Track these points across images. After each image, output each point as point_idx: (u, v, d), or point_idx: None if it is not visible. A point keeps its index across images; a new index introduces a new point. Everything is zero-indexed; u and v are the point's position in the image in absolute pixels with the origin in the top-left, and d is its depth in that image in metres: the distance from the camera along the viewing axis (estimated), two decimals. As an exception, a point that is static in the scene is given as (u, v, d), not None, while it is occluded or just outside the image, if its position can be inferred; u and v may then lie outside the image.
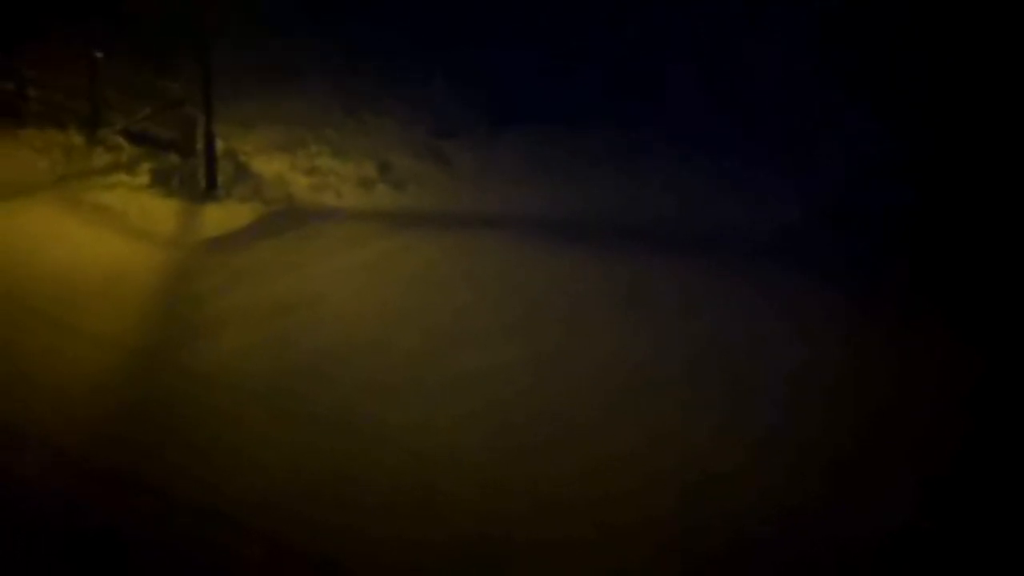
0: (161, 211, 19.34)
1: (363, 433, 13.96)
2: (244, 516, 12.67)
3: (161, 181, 20.12)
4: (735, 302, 16.83)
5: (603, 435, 13.98)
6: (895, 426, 14.22)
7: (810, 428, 14.11)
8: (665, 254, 18.20)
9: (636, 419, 14.28)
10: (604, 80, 23.29)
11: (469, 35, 24.77)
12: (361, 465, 13.46)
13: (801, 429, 14.09)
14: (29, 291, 16.70)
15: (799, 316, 16.42)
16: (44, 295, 16.62)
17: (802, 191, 19.82)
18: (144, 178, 20.26)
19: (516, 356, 15.49)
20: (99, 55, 21.39)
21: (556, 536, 12.46)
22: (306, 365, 15.27)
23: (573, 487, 13.12)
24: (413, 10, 25.61)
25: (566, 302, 16.84)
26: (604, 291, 17.10)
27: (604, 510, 12.78)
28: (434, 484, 13.16)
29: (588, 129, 21.89)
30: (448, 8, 25.54)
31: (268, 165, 20.76)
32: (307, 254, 18.17)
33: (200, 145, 20.08)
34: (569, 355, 15.54)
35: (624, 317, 16.48)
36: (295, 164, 20.93)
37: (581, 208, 19.76)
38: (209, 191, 19.83)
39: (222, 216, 19.27)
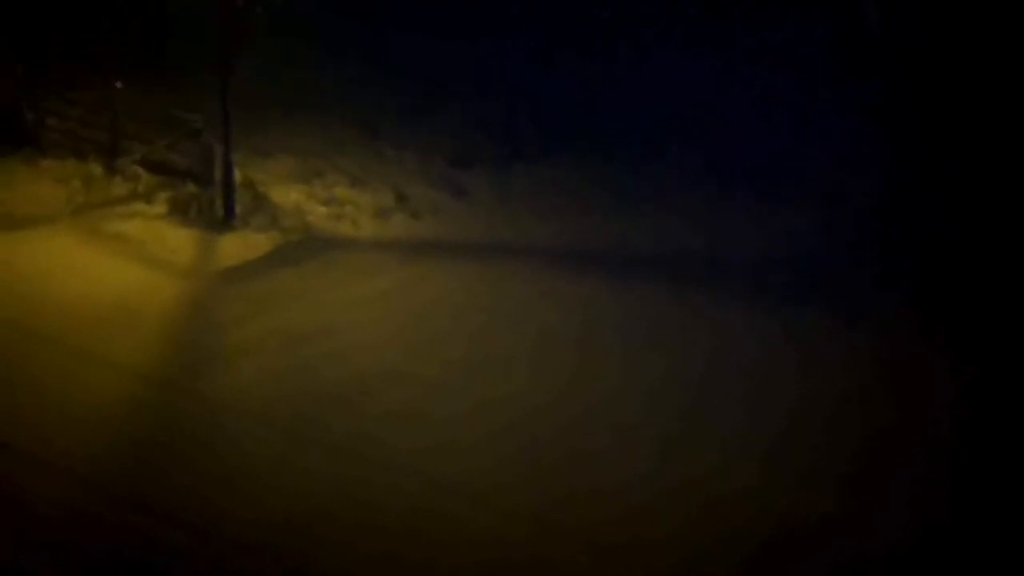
0: (179, 240, 19.39)
1: (378, 459, 14.09)
2: (264, 539, 12.86)
3: (179, 210, 20.17)
4: (748, 333, 16.95)
5: (614, 458, 14.17)
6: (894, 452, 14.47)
7: (815, 450, 14.42)
8: (680, 284, 18.25)
9: (647, 443, 14.44)
10: (625, 111, 23.43)
11: (489, 66, 24.90)
12: (377, 490, 13.63)
13: (806, 452, 14.37)
14: (49, 320, 16.76)
15: (810, 348, 16.57)
16: (63, 324, 16.67)
17: (824, 223, 19.98)
18: (162, 207, 20.31)
19: (527, 384, 15.64)
20: (118, 85, 21.49)
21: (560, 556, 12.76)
22: (323, 393, 15.38)
23: (583, 509, 13.35)
24: (432, 40, 25.76)
25: (578, 331, 16.95)
26: (616, 321, 17.22)
27: (607, 532, 13.10)
28: (450, 510, 13.33)
29: (608, 160, 22.02)
30: (469, 38, 25.70)
31: (286, 194, 20.82)
32: (324, 283, 18.22)
33: (218, 175, 20.14)
34: (579, 383, 15.66)
35: (635, 346, 16.59)
36: (313, 194, 20.99)
37: (597, 239, 19.83)
38: (227, 220, 19.88)
39: (240, 245, 19.33)
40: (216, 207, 20.05)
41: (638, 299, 17.80)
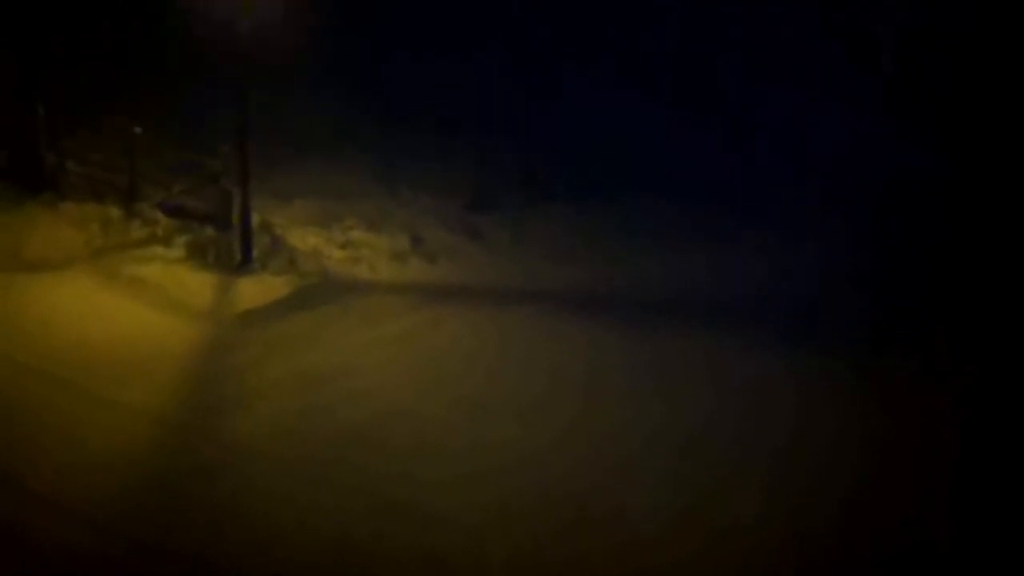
0: (197, 284, 19.51)
1: (395, 498, 14.21)
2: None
3: (197, 254, 20.31)
4: (747, 371, 17.14)
5: (615, 496, 14.35)
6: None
7: (813, 482, 14.64)
8: (684, 325, 18.46)
9: (649, 482, 14.60)
10: (640, 155, 23.63)
11: (505, 110, 25.11)
12: (391, 524, 13.79)
13: (804, 484, 14.60)
14: (65, 363, 16.82)
15: (808, 385, 16.74)
16: (80, 367, 16.74)
17: (831, 262, 20.33)
18: (180, 251, 20.45)
19: (532, 422, 15.78)
20: (137, 130, 21.67)
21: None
22: (339, 433, 15.47)
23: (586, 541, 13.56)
24: (449, 83, 25.99)
25: (584, 372, 17.11)
26: (621, 362, 17.37)
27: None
28: (453, 543, 13.54)
29: (623, 204, 22.20)
30: (485, 81, 25.92)
31: (303, 238, 20.97)
32: (340, 327, 18.32)
33: (236, 218, 20.29)
34: (586, 426, 15.78)
35: (643, 390, 16.70)
36: (330, 237, 21.15)
37: (606, 280, 20.04)
38: (245, 264, 20.02)
39: (257, 289, 19.45)
40: (234, 251, 20.19)
41: (643, 340, 17.94)
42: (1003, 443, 15.68)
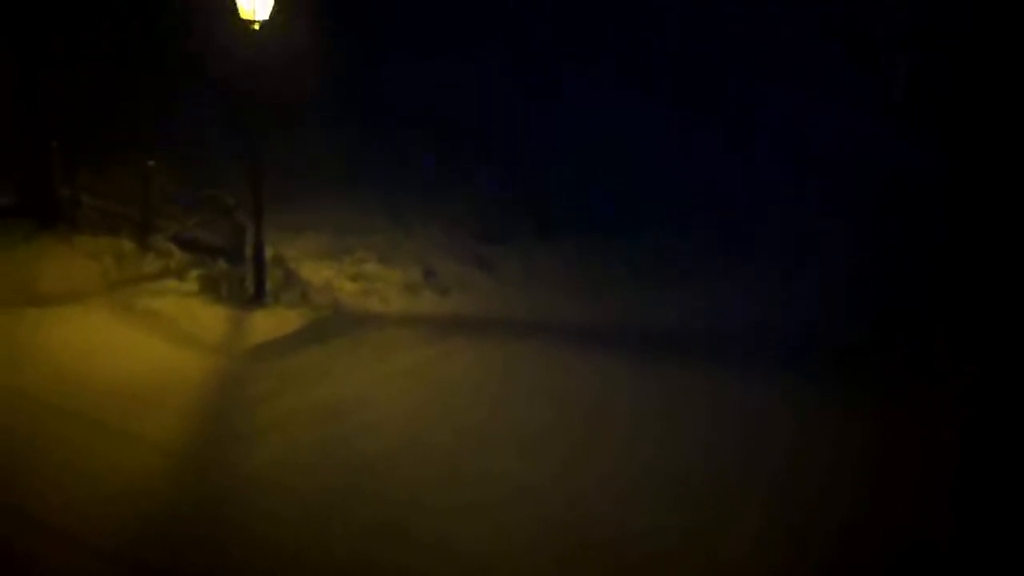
0: (210, 317, 19.61)
1: (405, 525, 14.45)
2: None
3: (210, 287, 20.40)
4: (746, 400, 17.43)
5: (617, 522, 14.62)
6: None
7: (809, 509, 14.94)
8: (686, 356, 18.73)
9: (649, 508, 14.91)
10: (652, 189, 23.79)
11: (516, 143, 25.28)
12: (400, 550, 14.06)
13: (800, 510, 14.88)
14: (78, 396, 16.92)
15: (806, 414, 17.05)
16: (93, 400, 16.84)
17: (830, 281, 20.83)
18: (193, 284, 20.54)
19: (536, 452, 16.02)
20: (151, 163, 21.80)
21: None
22: (350, 466, 15.64)
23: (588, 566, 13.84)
24: (461, 116, 26.17)
25: (589, 403, 17.36)
26: (629, 395, 17.60)
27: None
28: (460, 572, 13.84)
29: (634, 238, 22.35)
30: (494, 113, 26.11)
31: (316, 271, 21.09)
32: (352, 360, 18.45)
33: (249, 252, 20.39)
34: (589, 455, 16.03)
35: (645, 419, 16.96)
36: (342, 270, 21.26)
37: (612, 312, 20.22)
38: (257, 297, 20.11)
39: (270, 322, 19.55)
40: (247, 284, 20.30)
41: (645, 370, 18.23)
42: (1003, 444, 15.98)
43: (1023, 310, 19.69)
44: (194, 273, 20.84)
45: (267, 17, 18.61)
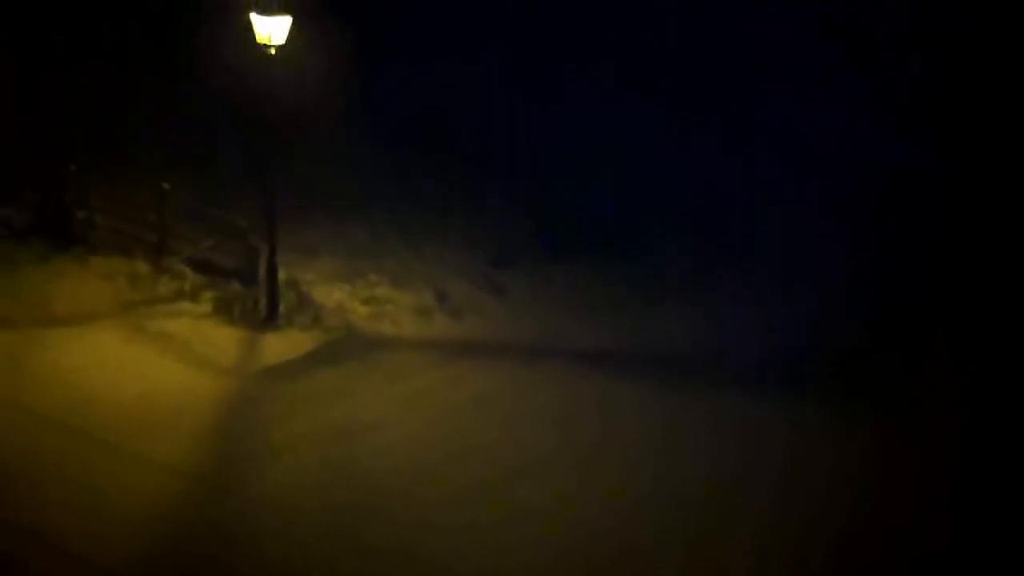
0: (223, 339, 19.70)
1: (413, 542, 14.64)
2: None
3: (224, 310, 20.49)
4: (747, 422, 17.64)
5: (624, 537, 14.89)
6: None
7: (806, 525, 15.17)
8: (688, 378, 18.95)
9: (655, 524, 15.16)
10: (653, 193, 23.90)
11: (519, 150, 25.39)
12: (410, 565, 14.33)
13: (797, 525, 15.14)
14: (92, 417, 17.02)
15: (803, 432, 17.28)
16: (107, 421, 16.94)
17: (829, 301, 20.92)
18: (207, 306, 20.62)
19: (541, 471, 16.28)
20: (166, 186, 21.90)
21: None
22: (361, 486, 15.81)
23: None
24: (461, 124, 26.28)
25: (593, 424, 17.60)
26: (634, 416, 17.81)
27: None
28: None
29: (635, 254, 22.45)
30: (495, 117, 26.21)
31: (329, 294, 21.17)
32: (364, 383, 18.55)
33: (262, 274, 20.48)
34: (595, 473, 16.32)
35: (651, 441, 17.15)
36: (355, 293, 21.33)
37: (624, 337, 20.36)
38: (270, 319, 20.19)
39: (283, 344, 19.64)
40: (260, 306, 20.40)
41: (649, 392, 18.47)
42: (1003, 444, 16.07)
43: (1023, 310, 19.74)
44: (208, 295, 20.91)
45: (283, 42, 18.72)
